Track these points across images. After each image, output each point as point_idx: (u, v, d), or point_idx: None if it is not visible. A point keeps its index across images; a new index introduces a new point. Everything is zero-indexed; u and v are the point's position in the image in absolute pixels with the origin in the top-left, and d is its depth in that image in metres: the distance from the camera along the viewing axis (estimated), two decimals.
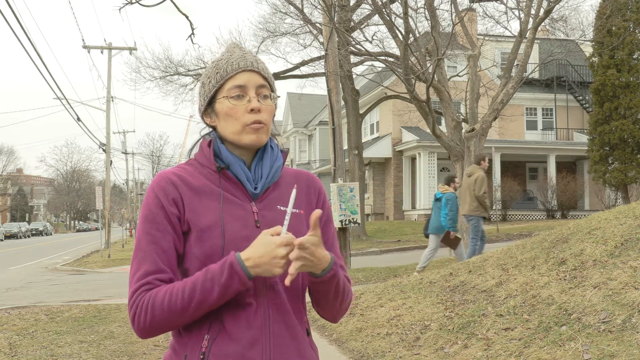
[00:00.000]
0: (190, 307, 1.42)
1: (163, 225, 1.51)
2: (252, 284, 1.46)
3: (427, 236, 11.09)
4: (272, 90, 1.61)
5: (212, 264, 1.44)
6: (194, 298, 1.41)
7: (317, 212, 1.43)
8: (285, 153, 1.65)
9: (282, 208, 1.59)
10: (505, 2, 14.84)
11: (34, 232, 63.89)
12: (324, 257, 1.47)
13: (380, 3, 13.50)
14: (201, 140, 1.64)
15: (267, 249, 1.40)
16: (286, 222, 1.46)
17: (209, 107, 1.61)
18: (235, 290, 1.43)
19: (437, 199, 10.55)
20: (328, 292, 1.55)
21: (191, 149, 1.67)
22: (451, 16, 15.57)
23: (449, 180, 10.57)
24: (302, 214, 1.62)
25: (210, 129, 1.63)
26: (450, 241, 10.55)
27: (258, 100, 1.56)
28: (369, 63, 23.94)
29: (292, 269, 1.42)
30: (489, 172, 26.62)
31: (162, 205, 1.52)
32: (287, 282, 1.42)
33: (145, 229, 1.51)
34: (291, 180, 1.66)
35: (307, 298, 1.65)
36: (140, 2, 11.16)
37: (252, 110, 1.54)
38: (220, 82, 1.57)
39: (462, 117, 15.13)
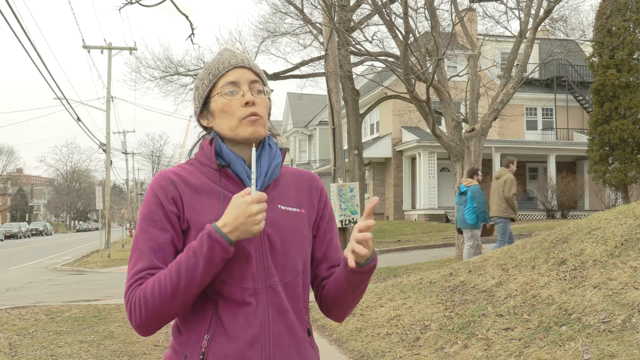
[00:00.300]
0: (180, 288, 1.41)
1: (161, 223, 1.51)
2: (234, 250, 1.46)
3: (460, 232, 11.16)
4: (265, 85, 1.62)
5: (192, 242, 1.45)
6: (181, 277, 1.41)
7: (374, 200, 1.46)
8: (284, 151, 1.65)
9: (282, 207, 1.59)
10: (505, 2, 14.84)
11: (34, 232, 63.87)
12: (370, 247, 1.50)
13: (380, 3, 13.50)
14: (201, 139, 1.64)
15: (240, 209, 1.41)
16: (253, 182, 1.49)
17: (204, 109, 1.62)
18: (220, 260, 1.42)
19: (462, 193, 10.59)
20: (361, 284, 1.57)
21: (191, 149, 1.68)
22: (451, 16, 15.57)
23: (472, 173, 10.62)
24: (304, 213, 1.62)
25: (208, 131, 1.64)
26: (487, 231, 10.64)
27: (252, 94, 1.57)
28: (369, 63, 23.93)
29: (363, 250, 1.44)
30: (489, 172, 26.73)
31: (161, 204, 1.52)
32: (351, 263, 1.45)
33: (143, 228, 1.52)
34: (292, 179, 1.66)
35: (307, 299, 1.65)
36: (140, 2, 11.16)
37: (246, 103, 1.55)
38: (213, 81, 1.59)
39: (462, 117, 15.13)
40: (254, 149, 1.51)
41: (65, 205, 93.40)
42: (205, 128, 1.65)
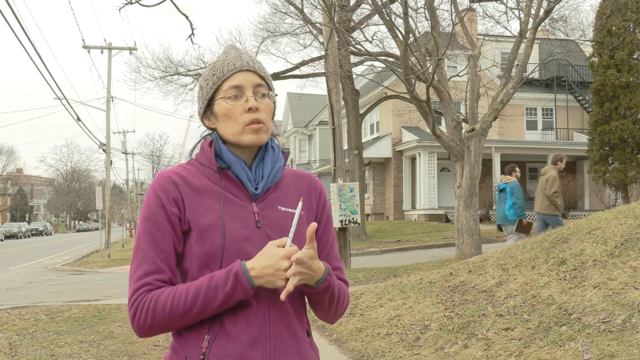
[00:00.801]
0: (192, 312, 1.44)
1: (163, 225, 1.51)
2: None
3: (500, 229, 11.24)
4: (270, 89, 1.61)
5: (218, 271, 1.46)
6: (196, 303, 1.43)
7: (312, 226, 1.44)
8: (286, 154, 1.65)
9: (282, 208, 1.59)
10: (505, 2, 14.84)
11: (34, 232, 63.87)
12: (319, 269, 1.49)
13: (380, 3, 13.49)
14: (202, 140, 1.64)
15: (271, 261, 1.42)
16: (291, 234, 1.48)
17: (207, 110, 1.61)
18: (238, 299, 1.45)
19: (501, 190, 10.70)
20: (322, 300, 1.57)
21: (192, 150, 1.67)
22: (451, 16, 15.57)
23: (511, 170, 10.75)
24: (303, 214, 1.62)
25: (211, 131, 1.63)
26: (523, 228, 10.70)
27: (255, 99, 1.55)
28: (369, 63, 23.94)
29: (290, 285, 1.43)
30: (489, 172, 26.75)
31: (163, 205, 1.52)
32: (282, 297, 1.44)
33: (145, 229, 1.52)
34: (292, 181, 1.66)
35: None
36: (140, 2, 11.16)
37: (249, 109, 1.54)
38: (217, 84, 1.57)
39: (462, 117, 15.13)
40: (300, 204, 1.51)
41: (65, 205, 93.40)
42: (209, 128, 1.64)
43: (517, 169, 10.83)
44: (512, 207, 10.35)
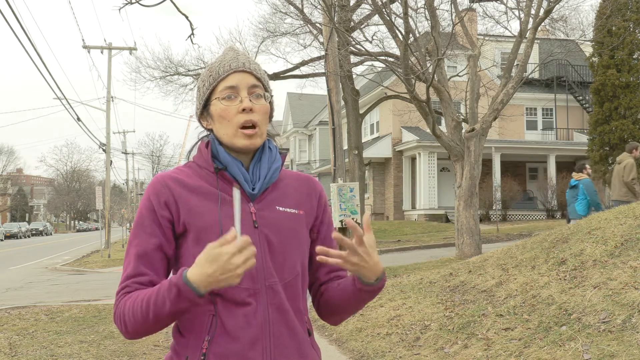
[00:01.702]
0: (149, 319, 1.42)
1: (150, 228, 1.52)
2: (207, 297, 1.42)
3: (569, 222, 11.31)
4: (266, 90, 1.61)
5: (169, 278, 1.43)
6: (149, 311, 1.41)
7: (368, 215, 1.45)
8: (284, 154, 1.65)
9: (280, 209, 1.59)
10: (505, 2, 14.84)
11: (34, 232, 63.85)
12: (378, 263, 1.48)
13: (380, 3, 13.49)
14: (199, 142, 1.64)
15: (218, 264, 1.32)
16: (237, 222, 1.37)
17: (204, 110, 1.62)
18: (187, 307, 1.39)
19: (573, 187, 10.77)
20: (368, 300, 1.57)
21: (189, 152, 1.68)
22: (451, 16, 15.56)
23: (581, 168, 10.82)
24: (302, 214, 1.62)
25: (208, 132, 1.64)
26: None
27: (250, 100, 1.55)
28: (369, 63, 23.94)
29: (349, 267, 1.42)
30: (489, 172, 26.75)
31: (153, 209, 1.53)
32: (323, 259, 1.41)
33: (134, 232, 1.55)
34: (292, 182, 1.66)
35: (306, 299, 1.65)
36: (140, 2, 11.16)
37: (243, 110, 1.54)
38: (213, 85, 1.58)
39: (462, 117, 15.12)
40: (236, 193, 1.39)
41: (65, 205, 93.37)
42: (205, 128, 1.65)
43: (588, 166, 10.92)
44: (582, 203, 10.45)
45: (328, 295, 1.63)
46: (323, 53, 15.93)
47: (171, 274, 1.56)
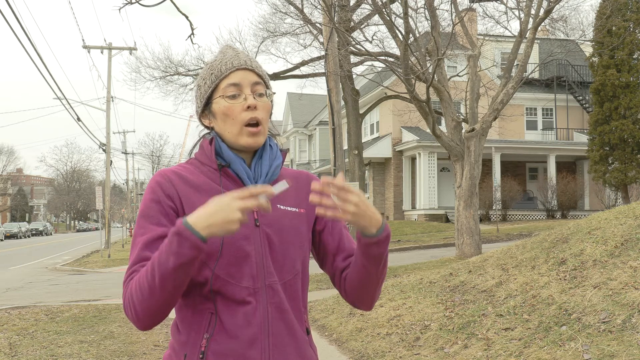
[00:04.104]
0: (156, 285, 1.36)
1: (156, 218, 1.50)
2: (208, 247, 1.40)
3: None
4: (267, 87, 1.61)
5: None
6: (155, 275, 1.35)
7: (341, 175, 1.41)
8: (284, 152, 1.65)
9: (282, 207, 1.59)
10: (505, 2, 14.83)
11: (34, 232, 63.85)
12: (375, 213, 1.44)
13: (380, 3, 13.49)
14: (202, 139, 1.64)
15: (220, 205, 1.34)
16: (275, 188, 1.39)
17: (206, 109, 1.62)
18: (191, 257, 1.34)
19: None
20: (380, 258, 1.49)
21: (192, 149, 1.67)
22: (451, 16, 15.56)
23: None
24: (303, 213, 1.62)
25: (209, 130, 1.64)
26: None
27: (254, 98, 1.56)
28: (369, 63, 23.95)
29: (347, 215, 1.38)
30: (489, 172, 26.75)
31: (158, 200, 1.52)
32: (325, 212, 1.37)
33: (139, 224, 1.52)
34: (291, 180, 1.66)
35: (305, 298, 1.65)
36: (140, 2, 11.16)
37: (248, 107, 1.54)
38: (215, 82, 1.57)
39: (462, 117, 15.12)
40: (284, 184, 1.42)
41: (65, 205, 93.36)
42: (206, 127, 1.65)
43: None
44: None
45: (348, 278, 1.58)
46: (323, 53, 15.93)
47: None
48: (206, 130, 1.65)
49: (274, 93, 1.64)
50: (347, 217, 1.40)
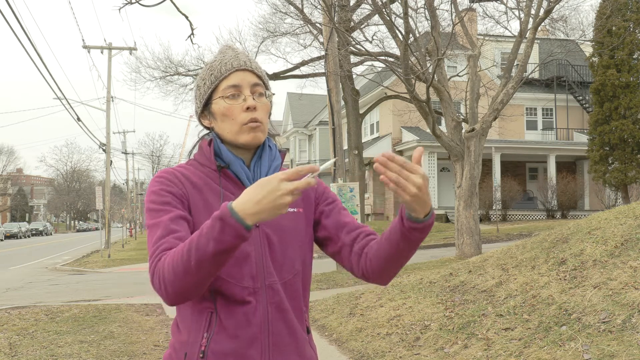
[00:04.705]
0: (191, 267, 1.32)
1: (171, 203, 1.48)
2: (251, 234, 1.35)
3: None
4: (267, 88, 1.62)
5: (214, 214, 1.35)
6: (191, 256, 1.31)
7: (419, 150, 1.36)
8: (283, 153, 1.65)
9: None
10: (505, 2, 14.83)
11: (34, 232, 63.85)
12: (430, 199, 1.38)
13: (380, 3, 13.49)
14: (201, 140, 1.64)
15: (266, 191, 1.28)
16: (322, 166, 1.36)
17: (205, 109, 1.62)
18: (233, 245, 1.30)
19: None
20: (418, 243, 1.46)
21: (191, 151, 1.68)
22: (451, 16, 15.56)
23: None
24: (302, 212, 1.63)
25: (209, 130, 1.64)
26: None
27: (253, 99, 1.56)
28: (369, 63, 23.93)
29: (406, 196, 1.32)
30: (489, 172, 26.75)
31: (170, 190, 1.51)
32: (388, 185, 1.32)
33: (153, 208, 1.48)
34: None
35: (304, 298, 1.64)
36: (140, 2, 11.16)
37: (247, 108, 1.54)
38: (215, 83, 1.58)
39: (462, 117, 15.12)
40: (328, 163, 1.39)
41: (65, 205, 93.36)
42: (206, 127, 1.65)
43: None
44: None
45: (375, 252, 1.53)
46: (323, 53, 15.92)
47: None
48: (205, 131, 1.65)
49: (273, 94, 1.64)
50: (406, 198, 1.34)
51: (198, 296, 1.42)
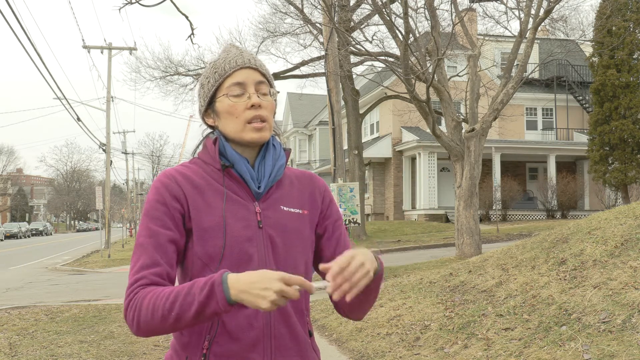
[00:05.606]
0: (170, 318, 1.36)
1: (162, 220, 1.49)
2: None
3: None
4: (271, 86, 1.61)
5: (202, 277, 1.38)
6: (173, 310, 1.35)
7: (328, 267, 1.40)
8: (287, 152, 1.64)
9: (285, 208, 1.58)
10: (505, 2, 14.83)
11: (34, 232, 63.82)
12: (373, 261, 1.42)
13: (380, 3, 13.49)
14: (205, 138, 1.63)
15: (263, 277, 1.31)
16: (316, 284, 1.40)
17: (209, 108, 1.61)
18: (213, 312, 1.34)
19: None
20: (377, 288, 1.53)
21: (196, 149, 1.66)
22: (451, 16, 15.56)
23: None
24: (306, 214, 1.61)
25: (212, 129, 1.63)
26: None
27: (258, 96, 1.55)
28: (369, 63, 23.94)
29: (353, 292, 1.35)
30: (489, 172, 26.74)
31: (164, 202, 1.50)
32: (348, 298, 1.37)
33: (145, 223, 1.50)
34: (294, 180, 1.65)
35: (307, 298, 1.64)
36: (140, 2, 11.16)
37: (252, 106, 1.53)
38: (219, 81, 1.56)
39: (462, 117, 15.12)
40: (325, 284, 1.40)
41: (65, 205, 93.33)
42: (210, 126, 1.64)
43: None
44: None
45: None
46: (323, 53, 15.93)
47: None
48: (209, 130, 1.64)
49: (278, 92, 1.64)
50: (361, 287, 1.38)
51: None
